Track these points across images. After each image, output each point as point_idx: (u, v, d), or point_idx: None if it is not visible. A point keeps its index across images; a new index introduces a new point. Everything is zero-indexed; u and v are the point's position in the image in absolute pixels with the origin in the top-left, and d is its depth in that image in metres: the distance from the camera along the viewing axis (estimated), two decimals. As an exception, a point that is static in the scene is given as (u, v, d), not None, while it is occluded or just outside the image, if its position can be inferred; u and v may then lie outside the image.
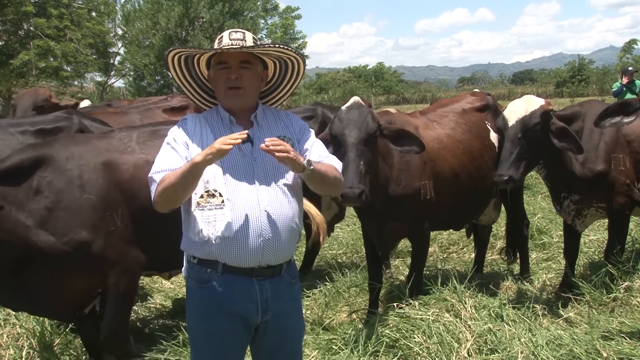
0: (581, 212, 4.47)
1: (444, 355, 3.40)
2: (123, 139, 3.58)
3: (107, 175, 3.34)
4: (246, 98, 2.44)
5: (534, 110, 4.00)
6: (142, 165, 3.40)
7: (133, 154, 3.49)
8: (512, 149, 3.95)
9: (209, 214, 2.32)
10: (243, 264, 2.34)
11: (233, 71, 2.39)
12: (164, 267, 3.82)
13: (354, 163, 3.46)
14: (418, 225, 4.19)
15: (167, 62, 2.51)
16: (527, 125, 3.97)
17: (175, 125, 2.51)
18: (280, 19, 35.72)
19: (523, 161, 3.96)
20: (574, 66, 56.22)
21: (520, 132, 3.96)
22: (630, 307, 4.05)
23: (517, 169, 3.92)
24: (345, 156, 3.50)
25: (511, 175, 3.89)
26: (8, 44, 22.84)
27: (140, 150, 3.54)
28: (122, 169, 3.40)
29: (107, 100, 12.75)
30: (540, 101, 4.10)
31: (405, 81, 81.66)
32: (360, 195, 3.39)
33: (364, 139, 3.57)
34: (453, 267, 5.41)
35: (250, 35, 2.46)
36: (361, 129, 3.58)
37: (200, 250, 2.37)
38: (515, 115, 4.02)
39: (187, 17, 28.17)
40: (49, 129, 4.60)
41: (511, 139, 3.98)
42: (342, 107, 3.73)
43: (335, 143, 3.65)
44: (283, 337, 2.48)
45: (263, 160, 2.39)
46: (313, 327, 4.07)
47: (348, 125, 3.60)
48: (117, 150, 3.48)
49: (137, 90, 29.32)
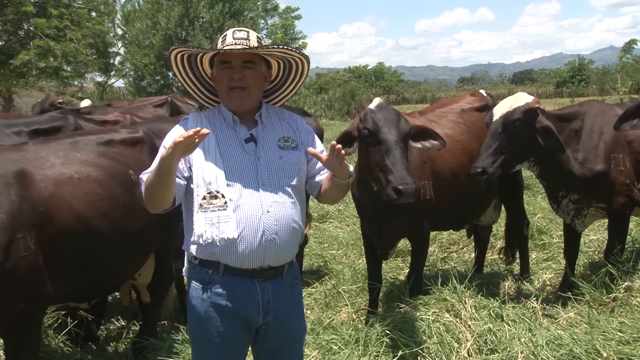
0: (580, 212, 4.47)
1: (444, 355, 3.40)
2: (39, 152, 3.18)
3: (21, 191, 2.87)
4: (249, 99, 2.42)
5: (518, 107, 4.05)
6: (65, 181, 3.08)
7: (53, 169, 3.11)
8: (491, 142, 4.02)
9: (212, 216, 2.30)
10: (245, 265, 2.33)
11: (236, 71, 2.37)
12: (84, 298, 3.50)
13: (402, 160, 3.40)
14: (418, 225, 4.19)
15: (169, 60, 2.50)
16: (507, 121, 4.02)
17: None
18: (281, 19, 35.70)
19: (501, 156, 4.00)
20: (574, 66, 56.27)
21: (501, 127, 4.02)
22: (630, 307, 4.04)
23: (492, 162, 3.97)
24: (390, 154, 3.43)
25: (485, 167, 3.94)
26: (8, 44, 22.81)
27: (62, 164, 3.17)
28: (40, 186, 2.98)
29: (107, 100, 12.75)
30: (528, 99, 4.13)
31: (405, 81, 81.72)
32: (416, 191, 3.35)
33: (403, 136, 3.55)
34: (453, 267, 5.41)
35: (254, 35, 2.44)
36: (399, 128, 3.56)
37: (202, 252, 2.36)
38: (500, 111, 4.08)
39: (187, 17, 28.12)
40: (44, 129, 4.58)
41: (492, 133, 4.06)
42: (370, 106, 3.69)
43: (371, 141, 3.54)
44: (284, 339, 2.48)
45: (267, 160, 2.38)
46: (313, 327, 4.07)
47: (387, 124, 3.54)
48: (33, 164, 3.06)
49: (137, 90, 29.27)
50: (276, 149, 2.42)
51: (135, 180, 3.32)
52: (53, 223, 2.94)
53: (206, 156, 2.34)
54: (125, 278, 3.68)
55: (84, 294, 3.41)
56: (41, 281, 2.89)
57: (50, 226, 2.92)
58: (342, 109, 34.60)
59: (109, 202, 3.22)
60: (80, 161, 3.26)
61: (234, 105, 2.43)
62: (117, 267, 3.40)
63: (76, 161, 3.23)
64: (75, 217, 3.04)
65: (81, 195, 3.11)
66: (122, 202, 3.28)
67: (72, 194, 3.08)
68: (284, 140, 2.46)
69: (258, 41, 2.43)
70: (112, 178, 3.30)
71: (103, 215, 3.16)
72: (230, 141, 2.39)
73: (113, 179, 3.30)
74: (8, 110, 23.17)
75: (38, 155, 3.15)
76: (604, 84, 44.97)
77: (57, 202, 2.99)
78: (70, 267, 3.05)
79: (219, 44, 2.45)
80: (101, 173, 3.28)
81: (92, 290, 3.41)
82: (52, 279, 2.95)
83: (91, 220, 3.11)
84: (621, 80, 42.78)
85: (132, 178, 3.34)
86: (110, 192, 3.25)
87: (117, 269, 3.42)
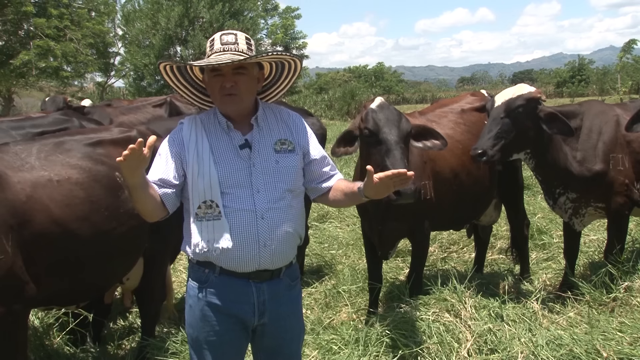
0: (579, 211, 4.47)
1: (444, 355, 3.41)
2: (19, 154, 3.13)
3: None
4: (243, 103, 2.40)
5: (521, 94, 4.07)
6: (44, 184, 3.03)
7: (32, 171, 3.06)
8: (492, 126, 4.03)
9: (207, 225, 2.31)
10: (240, 269, 2.34)
11: (227, 79, 2.33)
12: (68, 301, 3.48)
13: (402, 161, 3.40)
14: (418, 225, 4.19)
15: (159, 71, 2.49)
16: (510, 107, 4.04)
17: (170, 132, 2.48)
18: (280, 19, 35.71)
19: (501, 140, 4.01)
20: (574, 66, 56.25)
21: (503, 112, 4.04)
22: (630, 307, 4.04)
23: (492, 146, 3.98)
24: (390, 154, 3.43)
25: (485, 149, 3.95)
26: (8, 44, 22.83)
27: (41, 166, 3.11)
28: (16, 188, 2.93)
29: (107, 100, 12.76)
30: (531, 88, 4.16)
31: (405, 81, 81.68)
32: (415, 192, 3.35)
33: (404, 136, 3.55)
34: (453, 267, 5.41)
35: (242, 37, 2.40)
36: (400, 128, 3.56)
37: (198, 256, 2.38)
38: (502, 98, 4.11)
39: (187, 17, 28.14)
40: (50, 132, 4.58)
41: (493, 117, 4.07)
42: (371, 106, 3.68)
43: (372, 141, 3.55)
44: (282, 339, 2.48)
45: (262, 166, 2.36)
46: (313, 327, 4.07)
47: (387, 124, 3.55)
48: (10, 166, 3.02)
49: (137, 90, 29.29)
50: (272, 153, 2.40)
51: (121, 183, 3.26)
52: (31, 226, 2.90)
53: (200, 164, 2.32)
54: (110, 281, 3.61)
55: (68, 297, 3.37)
56: (22, 284, 2.85)
57: (28, 229, 2.89)
58: (342, 109, 34.60)
59: (89, 205, 3.15)
60: (62, 163, 3.20)
61: (228, 111, 2.40)
62: (100, 270, 3.33)
63: (57, 163, 3.16)
64: (53, 220, 2.99)
65: (60, 198, 3.05)
66: (105, 205, 3.21)
67: (50, 197, 3.02)
68: (281, 143, 2.43)
69: (247, 43, 2.39)
70: (95, 180, 3.23)
71: (83, 219, 3.10)
72: (224, 148, 2.37)
73: (96, 182, 3.23)
74: (8, 110, 23.18)
75: (17, 157, 3.10)
76: (604, 84, 44.95)
77: (34, 204, 2.94)
78: (51, 270, 3.01)
79: (207, 49, 2.42)
80: (83, 175, 3.21)
81: (75, 293, 3.34)
82: (32, 281, 2.91)
83: (70, 223, 3.05)
84: (621, 80, 42.76)
85: (118, 180, 3.27)
86: (92, 194, 3.18)
87: (100, 272, 3.35)
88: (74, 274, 3.14)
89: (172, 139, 2.42)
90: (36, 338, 3.90)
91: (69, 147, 3.32)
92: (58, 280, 3.06)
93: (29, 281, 2.88)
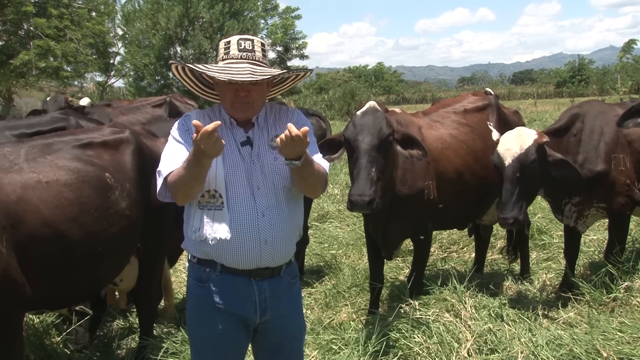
0: (582, 213, 4.48)
1: (444, 355, 3.40)
2: (8, 156, 3.11)
3: None
4: (254, 111, 2.40)
5: (529, 147, 3.92)
6: (33, 185, 3.01)
7: (20, 173, 3.03)
8: (513, 189, 3.88)
9: (208, 214, 2.33)
10: (241, 266, 2.34)
11: (242, 88, 2.32)
12: (59, 304, 3.46)
13: (366, 170, 3.43)
14: (421, 225, 4.19)
15: (171, 68, 2.46)
16: (524, 164, 3.90)
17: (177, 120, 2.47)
18: (281, 19, 35.71)
19: (525, 199, 3.94)
20: (574, 66, 56.33)
21: (519, 171, 3.90)
22: (630, 307, 4.05)
23: (520, 208, 3.88)
24: (357, 162, 3.47)
25: (515, 217, 3.85)
26: (8, 44, 22.80)
27: (30, 168, 3.09)
28: (7, 189, 2.92)
29: (107, 100, 12.75)
30: (533, 135, 4.00)
31: (405, 81, 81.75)
32: (370, 203, 3.36)
33: (376, 145, 3.54)
34: (453, 267, 5.41)
35: (259, 44, 2.39)
36: (374, 135, 3.55)
37: (198, 250, 2.38)
38: (510, 154, 3.94)
39: (187, 17, 28.11)
40: (45, 131, 4.56)
41: (510, 179, 3.91)
42: (357, 112, 3.70)
43: (349, 148, 3.62)
44: (283, 337, 2.48)
45: (261, 163, 2.37)
46: (313, 327, 4.07)
47: (362, 131, 3.57)
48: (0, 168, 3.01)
49: (137, 90, 29.26)
50: (270, 150, 2.40)
51: (111, 184, 3.27)
52: (22, 227, 2.88)
53: None
54: (102, 283, 3.58)
55: (59, 300, 3.34)
56: (17, 285, 2.83)
57: (20, 230, 2.87)
58: (342, 109, 34.59)
59: (79, 206, 3.13)
60: (51, 164, 3.18)
61: (239, 116, 2.40)
62: (91, 272, 3.30)
63: (46, 164, 3.14)
64: (43, 222, 2.97)
65: (50, 200, 3.03)
66: (94, 206, 3.19)
67: (40, 198, 3.00)
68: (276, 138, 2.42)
69: (262, 49, 2.39)
70: (84, 182, 3.21)
71: (72, 220, 3.09)
72: (228, 143, 2.37)
73: (85, 183, 3.21)
74: (8, 110, 23.18)
75: (6, 158, 3.08)
76: (604, 84, 44.97)
77: (25, 205, 2.92)
78: (41, 272, 2.98)
79: (222, 52, 2.38)
80: (72, 177, 3.18)
81: (67, 296, 3.33)
82: (30, 283, 2.88)
83: (60, 225, 3.03)
84: (621, 80, 42.78)
85: (108, 181, 3.26)
86: (81, 196, 3.16)
87: (91, 274, 3.32)
88: (65, 276, 3.11)
89: (184, 125, 2.40)
90: (36, 338, 3.90)
91: (58, 149, 3.31)
92: (49, 282, 3.03)
93: (25, 282, 2.86)
